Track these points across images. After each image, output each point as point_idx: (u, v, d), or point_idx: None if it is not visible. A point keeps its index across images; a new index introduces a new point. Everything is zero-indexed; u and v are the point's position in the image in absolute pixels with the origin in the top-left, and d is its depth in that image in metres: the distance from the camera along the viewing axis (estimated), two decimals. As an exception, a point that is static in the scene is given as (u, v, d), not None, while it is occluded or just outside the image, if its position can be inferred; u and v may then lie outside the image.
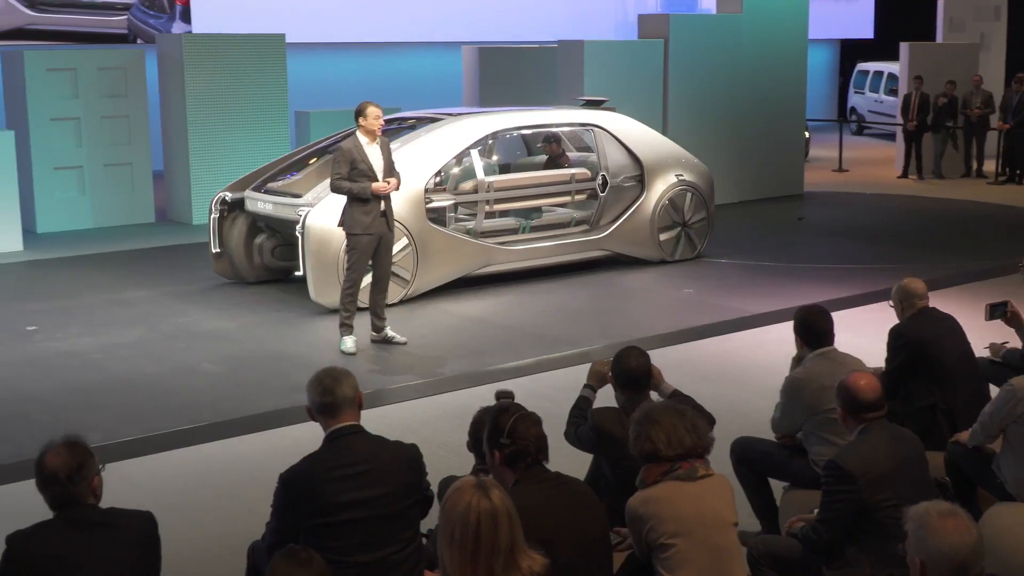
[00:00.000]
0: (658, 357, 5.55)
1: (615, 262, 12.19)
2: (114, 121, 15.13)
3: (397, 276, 10.22)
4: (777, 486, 5.77)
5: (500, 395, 5.16)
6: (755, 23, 17.05)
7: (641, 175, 12.23)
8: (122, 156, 15.25)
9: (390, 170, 9.02)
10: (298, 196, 10.69)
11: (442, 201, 10.99)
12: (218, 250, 11.36)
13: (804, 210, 16.43)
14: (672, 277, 11.85)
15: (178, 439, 7.39)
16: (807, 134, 20.23)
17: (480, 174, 11.24)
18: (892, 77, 25.43)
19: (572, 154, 12.54)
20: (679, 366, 8.68)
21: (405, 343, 9.24)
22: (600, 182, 11.93)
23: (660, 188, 12.30)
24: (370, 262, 9.10)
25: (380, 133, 9.06)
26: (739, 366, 9.05)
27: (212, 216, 11.30)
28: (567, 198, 11.97)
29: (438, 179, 11.08)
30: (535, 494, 4.05)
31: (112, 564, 3.76)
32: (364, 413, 4.44)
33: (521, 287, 11.32)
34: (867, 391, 4.70)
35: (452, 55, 21.30)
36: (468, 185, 11.28)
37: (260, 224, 11.31)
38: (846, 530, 4.53)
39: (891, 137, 23.62)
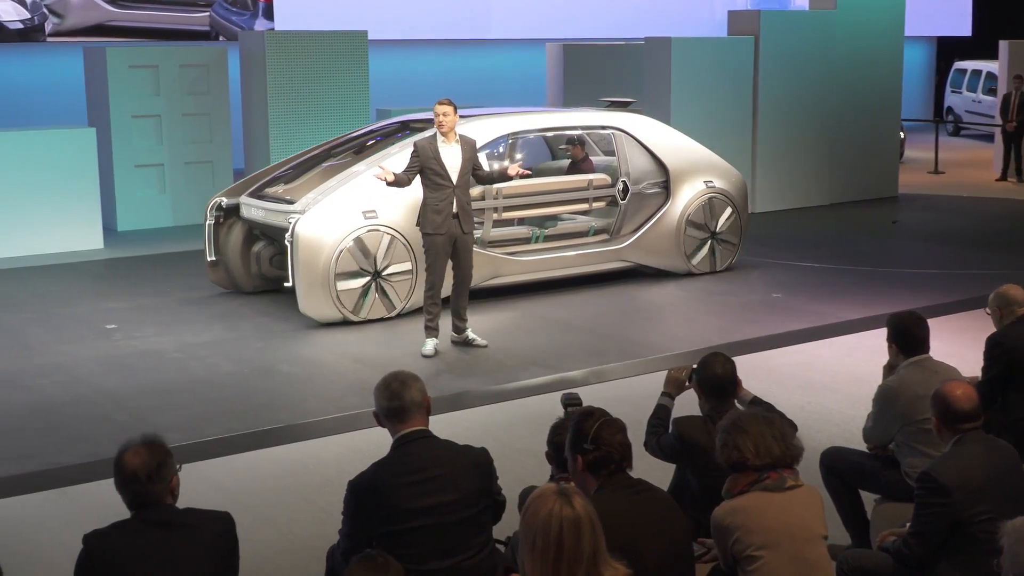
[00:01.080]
0: (743, 364, 5.50)
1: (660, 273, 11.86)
2: (195, 119, 15.37)
3: (388, 299, 10.02)
4: (868, 498, 5.69)
5: (568, 401, 5.14)
6: (849, 20, 16.83)
7: (666, 181, 11.71)
8: (203, 154, 15.49)
9: (468, 171, 8.98)
10: (291, 202, 10.38)
11: None
12: (213, 258, 11.01)
13: (899, 213, 16.18)
14: (757, 281, 11.74)
15: (256, 440, 7.47)
16: (902, 135, 19.93)
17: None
18: (991, 76, 24.97)
19: (597, 158, 12.19)
20: (765, 373, 8.59)
21: (486, 346, 9.25)
22: (621, 188, 11.45)
23: (687, 195, 11.78)
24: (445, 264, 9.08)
25: (453, 131, 8.94)
26: (829, 374, 8.93)
27: (207, 222, 10.96)
28: (584, 205, 11.46)
29: None
30: (618, 501, 4.03)
31: (190, 565, 3.79)
32: (441, 417, 4.47)
33: (600, 287, 11.29)
34: (963, 401, 4.62)
35: (536, 52, 21.31)
36: (475, 191, 10.41)
37: (256, 231, 10.99)
38: (939, 544, 4.45)
39: (989, 138, 23.17)
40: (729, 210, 12.03)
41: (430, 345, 9.08)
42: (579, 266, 11.32)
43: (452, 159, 8.95)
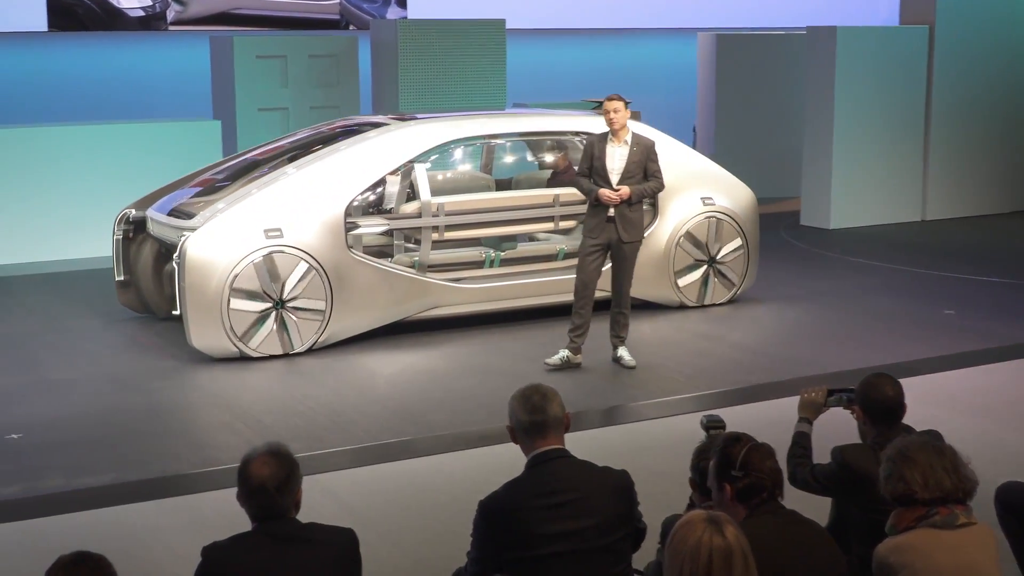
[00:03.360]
0: (909, 387, 5.38)
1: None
2: (323, 112, 15.63)
3: (308, 309, 9.43)
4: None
5: (710, 423, 5.09)
6: (1037, 8, 16.42)
7: (654, 197, 10.41)
8: (330, 149, 15.74)
9: (635, 175, 8.89)
10: (190, 216, 9.69)
11: (371, 227, 9.91)
12: (122, 278, 10.43)
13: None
14: (927, 296, 11.50)
15: (380, 453, 7.57)
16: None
17: (424, 194, 9.96)
18: None
19: None
20: (933, 398, 8.41)
21: (633, 367, 9.12)
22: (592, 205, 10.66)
23: (679, 215, 10.74)
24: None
25: (624, 129, 8.92)
26: (1008, 400, 8.71)
27: (115, 237, 10.40)
28: (548, 225, 10.62)
29: (375, 199, 10.02)
30: (769, 532, 3.98)
31: (311, 582, 3.84)
32: (574, 435, 4.45)
33: (756, 298, 11.19)
34: None
35: (686, 43, 21.20)
36: (412, 207, 10.05)
37: (163, 249, 10.27)
38: None
39: None
40: (738, 241, 11.00)
41: (559, 354, 9.06)
42: (540, 296, 10.39)
43: (616, 160, 8.90)
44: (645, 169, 8.97)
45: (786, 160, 17.34)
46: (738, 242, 11.00)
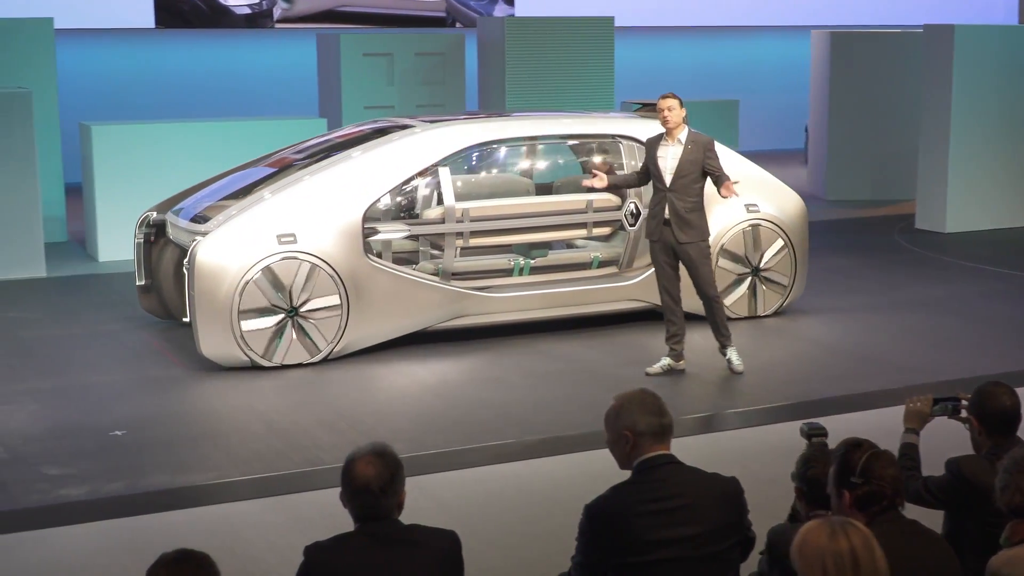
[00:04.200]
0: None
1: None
2: (428, 111, 15.72)
3: (310, 339, 9.22)
4: None
5: (811, 431, 5.02)
6: None
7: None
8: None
9: (690, 174, 8.69)
10: (205, 220, 9.53)
11: (391, 232, 9.65)
12: (143, 282, 10.24)
13: None
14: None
15: (482, 455, 7.59)
16: None
17: (449, 199, 9.70)
18: None
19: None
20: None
21: (741, 373, 9.00)
22: (630, 212, 10.28)
23: (722, 221, 10.21)
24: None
25: (679, 128, 8.74)
26: None
27: (136, 240, 10.24)
28: (581, 232, 10.32)
29: (399, 204, 9.81)
30: (888, 540, 3.91)
31: (413, 585, 3.86)
32: (683, 441, 4.43)
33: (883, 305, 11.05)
34: None
35: (799, 41, 21.00)
36: (435, 213, 9.80)
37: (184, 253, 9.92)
38: None
39: None
40: (780, 243, 10.55)
41: (659, 363, 8.99)
42: (575, 305, 10.10)
43: (669, 160, 8.77)
44: (703, 168, 8.80)
45: (901, 162, 17.08)
46: (780, 243, 10.55)
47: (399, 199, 9.80)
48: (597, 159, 10.69)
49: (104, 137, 13.30)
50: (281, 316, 9.12)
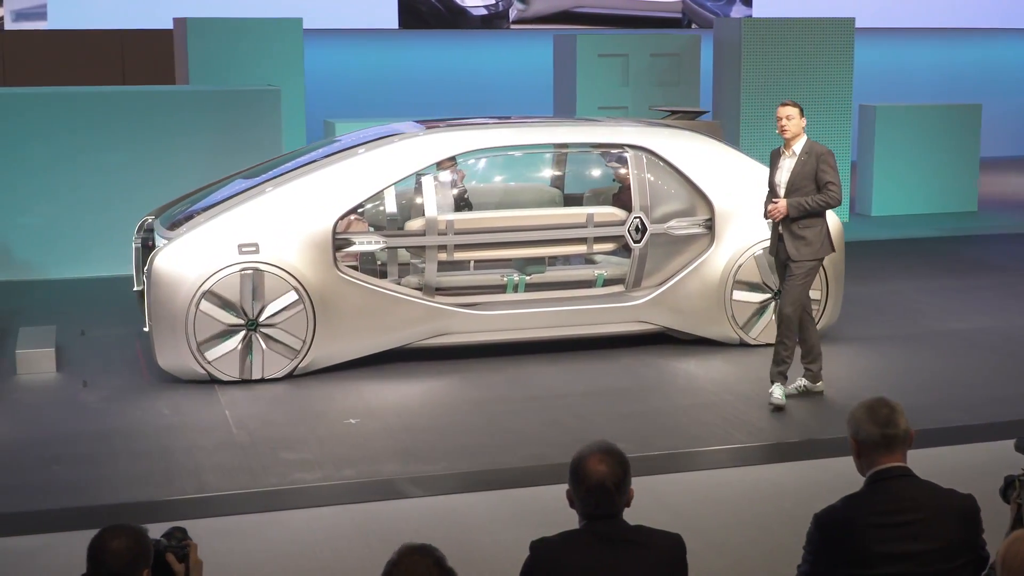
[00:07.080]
0: None
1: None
2: (662, 111, 15.70)
3: (281, 343, 8.79)
4: None
5: None
6: None
7: (711, 220, 9.54)
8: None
9: (803, 187, 8.17)
10: (178, 227, 9.12)
11: (365, 244, 9.17)
12: (139, 288, 9.49)
13: None
14: None
15: (706, 459, 7.55)
16: None
17: (430, 210, 9.11)
18: None
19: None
20: None
21: (821, 392, 8.48)
22: (635, 227, 9.51)
23: (741, 241, 9.55)
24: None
25: (796, 138, 8.21)
26: None
27: (134, 245, 9.77)
28: (580, 247, 9.62)
29: (375, 214, 9.42)
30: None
31: (636, 585, 3.85)
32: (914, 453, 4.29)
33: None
34: None
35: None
36: (417, 224, 9.23)
37: None
38: None
39: None
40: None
41: (777, 392, 8.28)
42: (573, 326, 9.45)
43: (783, 172, 8.29)
44: (816, 179, 8.24)
45: None
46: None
47: (379, 209, 9.41)
48: (602, 170, 10.30)
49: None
50: (243, 332, 8.75)
